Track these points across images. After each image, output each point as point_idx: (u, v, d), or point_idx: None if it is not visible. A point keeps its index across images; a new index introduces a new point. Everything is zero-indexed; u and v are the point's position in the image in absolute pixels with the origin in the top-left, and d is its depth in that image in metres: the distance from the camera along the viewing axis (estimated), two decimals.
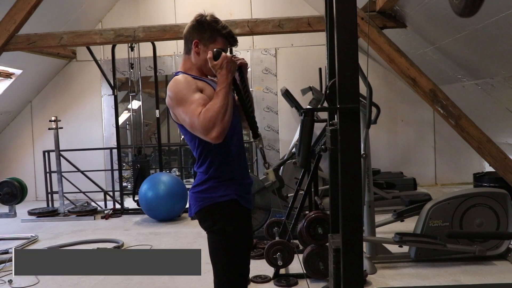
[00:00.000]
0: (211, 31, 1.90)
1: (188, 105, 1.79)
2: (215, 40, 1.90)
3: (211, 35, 1.90)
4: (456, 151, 6.97)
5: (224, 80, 1.82)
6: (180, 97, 1.82)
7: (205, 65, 1.92)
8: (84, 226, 5.62)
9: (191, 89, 1.82)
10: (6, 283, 3.60)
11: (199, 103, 1.79)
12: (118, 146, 6.41)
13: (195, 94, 1.81)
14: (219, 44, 1.90)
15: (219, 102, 1.77)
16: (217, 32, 1.90)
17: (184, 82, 1.85)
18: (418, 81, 4.07)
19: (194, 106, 1.78)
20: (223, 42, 1.92)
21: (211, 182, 1.88)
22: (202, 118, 1.75)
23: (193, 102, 1.79)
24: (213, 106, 1.77)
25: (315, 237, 3.30)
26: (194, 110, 1.77)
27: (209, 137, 1.76)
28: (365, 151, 3.42)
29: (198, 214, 1.93)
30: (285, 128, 7.29)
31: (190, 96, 1.80)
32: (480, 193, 3.72)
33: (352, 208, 1.73)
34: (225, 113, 1.77)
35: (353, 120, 1.71)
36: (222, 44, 1.91)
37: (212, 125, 1.74)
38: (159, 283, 3.55)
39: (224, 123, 1.76)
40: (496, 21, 3.10)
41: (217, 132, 1.75)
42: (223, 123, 1.76)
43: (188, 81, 1.85)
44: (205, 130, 1.75)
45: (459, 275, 3.41)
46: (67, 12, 6.54)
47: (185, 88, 1.82)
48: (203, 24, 1.90)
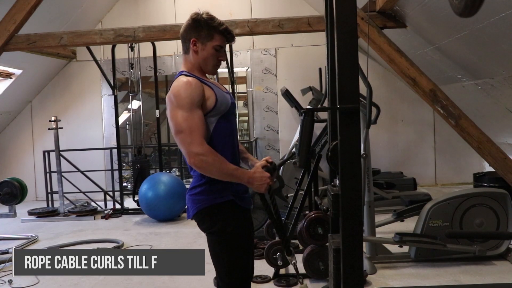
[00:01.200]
0: (208, 28, 1.89)
1: (187, 118, 1.79)
2: (212, 37, 1.90)
3: (208, 33, 1.89)
4: (456, 151, 6.97)
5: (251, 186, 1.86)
6: (183, 104, 1.80)
7: (204, 63, 1.92)
8: (84, 226, 5.62)
9: (195, 102, 1.81)
10: (6, 283, 3.60)
11: (198, 127, 1.79)
12: (118, 146, 6.41)
13: (197, 111, 1.80)
14: (217, 41, 1.90)
15: (227, 172, 1.80)
16: (214, 29, 1.90)
17: (191, 89, 1.82)
18: (418, 81, 4.06)
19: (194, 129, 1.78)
20: (220, 39, 1.91)
21: (207, 184, 1.88)
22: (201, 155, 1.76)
23: (193, 120, 1.79)
24: (221, 165, 1.79)
25: (315, 237, 3.30)
26: (194, 134, 1.77)
27: (188, 161, 1.79)
28: (365, 151, 3.42)
29: (196, 216, 1.93)
30: (285, 128, 7.28)
31: (192, 109, 1.79)
32: (480, 193, 3.72)
33: (352, 208, 1.73)
34: (216, 174, 1.81)
35: (353, 120, 1.71)
36: (220, 41, 1.91)
37: (200, 166, 1.78)
38: (159, 283, 3.55)
39: (206, 172, 1.81)
40: (496, 21, 3.09)
41: (197, 167, 1.79)
42: (207, 173, 1.81)
43: (196, 88, 1.83)
44: (190, 159, 1.78)
45: (459, 275, 3.41)
46: (67, 12, 6.54)
47: (188, 96, 1.80)
48: (199, 22, 1.90)
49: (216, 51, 1.91)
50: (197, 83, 1.85)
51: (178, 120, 1.80)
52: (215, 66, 1.95)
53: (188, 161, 1.80)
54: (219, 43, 1.91)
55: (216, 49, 1.91)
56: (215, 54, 1.92)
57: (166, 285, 3.51)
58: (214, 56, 1.92)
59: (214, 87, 1.92)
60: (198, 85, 1.84)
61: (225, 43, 1.95)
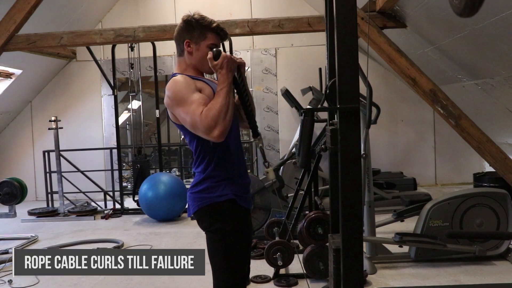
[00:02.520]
0: (200, 28, 1.90)
1: (188, 105, 1.79)
2: (205, 37, 1.90)
3: (201, 32, 1.90)
4: (456, 151, 6.97)
5: (225, 79, 1.82)
6: (180, 97, 1.82)
7: (200, 64, 1.92)
8: (84, 226, 5.62)
9: (191, 89, 1.83)
10: (6, 283, 3.60)
11: (199, 102, 1.79)
12: (118, 146, 6.41)
13: (194, 94, 1.81)
14: (210, 40, 1.90)
15: (221, 101, 1.78)
16: (206, 28, 1.90)
17: (183, 82, 1.84)
18: (418, 81, 4.07)
19: (194, 105, 1.78)
20: (213, 37, 1.91)
21: (208, 182, 1.88)
22: (204, 117, 1.75)
23: (193, 102, 1.79)
24: (215, 105, 1.77)
25: (315, 237, 3.30)
26: (195, 110, 1.77)
27: (211, 136, 1.77)
28: (365, 151, 3.42)
29: (196, 214, 1.93)
30: (285, 128, 7.29)
31: (189, 96, 1.80)
32: (480, 193, 3.72)
33: (352, 208, 1.73)
34: (226, 112, 1.78)
35: (353, 120, 1.71)
36: (213, 39, 1.91)
37: (214, 124, 1.75)
38: (159, 283, 3.55)
39: (226, 121, 1.77)
40: (496, 21, 3.10)
41: (220, 131, 1.76)
42: (225, 122, 1.77)
43: (187, 81, 1.85)
44: (208, 129, 1.75)
45: (459, 275, 3.41)
46: (67, 12, 6.54)
47: (184, 88, 1.82)
48: (191, 23, 1.91)
49: (209, 49, 1.90)
50: (186, 78, 1.87)
51: (183, 117, 1.82)
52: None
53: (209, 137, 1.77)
54: (212, 42, 1.91)
55: (210, 48, 1.90)
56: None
57: (166, 285, 3.51)
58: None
59: (209, 82, 1.93)
60: (187, 79, 1.86)
61: (219, 41, 1.94)
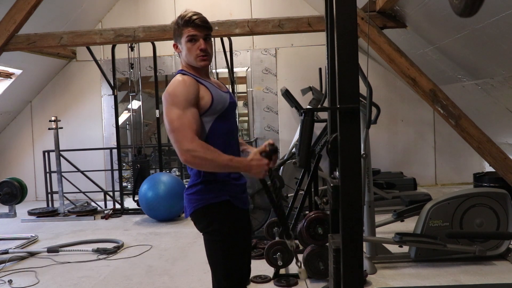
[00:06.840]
0: (177, 28, 1.92)
1: (178, 117, 1.78)
2: (181, 33, 1.91)
3: (178, 31, 1.92)
4: (456, 151, 6.97)
5: (246, 170, 1.83)
6: (176, 101, 1.80)
7: (189, 61, 1.92)
8: (84, 226, 5.62)
9: (188, 100, 1.80)
10: (6, 283, 3.60)
11: (189, 124, 1.77)
12: (118, 146, 6.41)
13: (188, 110, 1.79)
14: (186, 33, 1.89)
15: (220, 164, 1.77)
16: (179, 25, 1.91)
17: (184, 88, 1.82)
18: (418, 81, 4.07)
19: (186, 126, 1.76)
20: (188, 30, 1.89)
21: (203, 184, 1.88)
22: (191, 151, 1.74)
23: (183, 117, 1.77)
24: (214, 157, 1.75)
25: (315, 237, 3.30)
26: (185, 131, 1.76)
27: (180, 156, 1.77)
28: (365, 151, 3.42)
29: (192, 216, 1.94)
30: (285, 128, 7.29)
31: (183, 108, 1.79)
32: (480, 193, 3.72)
33: (352, 208, 1.73)
34: (211, 168, 1.80)
35: (353, 120, 1.72)
36: (188, 32, 1.88)
37: (195, 162, 1.76)
38: (159, 283, 3.55)
39: (201, 167, 1.80)
40: (496, 21, 3.10)
41: (189, 164, 1.78)
42: (199, 167, 1.80)
43: (189, 89, 1.82)
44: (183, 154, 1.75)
45: (459, 275, 3.41)
46: (67, 12, 6.54)
47: (182, 95, 1.81)
48: (173, 27, 1.95)
49: (190, 42, 1.89)
50: (192, 81, 1.85)
51: (172, 118, 1.80)
52: (198, 57, 1.90)
53: (180, 159, 1.78)
54: (188, 34, 1.89)
55: (189, 41, 1.89)
56: (191, 46, 1.89)
57: (166, 285, 3.51)
58: (191, 48, 1.90)
59: (211, 87, 1.91)
60: (193, 83, 1.85)
61: (195, 31, 1.89)
